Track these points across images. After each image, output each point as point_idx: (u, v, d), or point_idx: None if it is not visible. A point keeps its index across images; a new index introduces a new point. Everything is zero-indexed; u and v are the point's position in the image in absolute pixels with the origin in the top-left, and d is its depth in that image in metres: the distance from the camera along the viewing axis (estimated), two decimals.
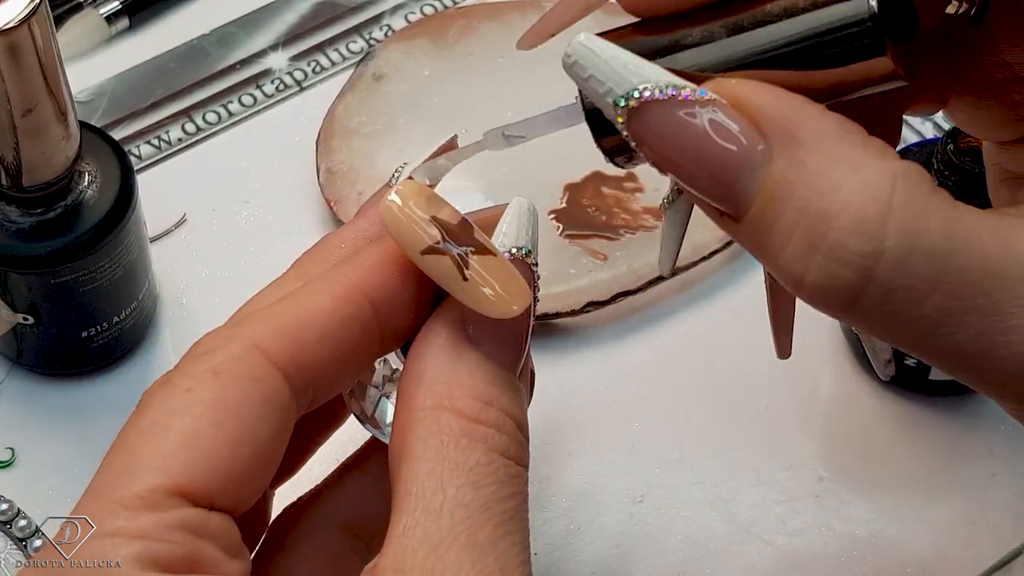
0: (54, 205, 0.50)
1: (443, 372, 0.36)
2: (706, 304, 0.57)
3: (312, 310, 0.36)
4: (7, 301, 0.51)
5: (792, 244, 0.33)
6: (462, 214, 0.37)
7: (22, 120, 0.46)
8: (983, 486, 0.52)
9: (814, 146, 0.33)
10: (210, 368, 0.35)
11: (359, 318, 0.36)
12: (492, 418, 0.35)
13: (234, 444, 0.34)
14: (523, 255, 0.37)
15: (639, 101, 0.34)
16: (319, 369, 0.36)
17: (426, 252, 0.36)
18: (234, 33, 0.64)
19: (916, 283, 0.32)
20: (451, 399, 0.35)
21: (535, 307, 0.38)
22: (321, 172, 0.58)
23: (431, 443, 0.35)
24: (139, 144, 0.60)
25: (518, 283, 0.36)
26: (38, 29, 0.44)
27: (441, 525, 0.34)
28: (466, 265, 0.36)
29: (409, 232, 0.36)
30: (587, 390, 0.54)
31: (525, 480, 0.36)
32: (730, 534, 0.51)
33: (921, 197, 0.32)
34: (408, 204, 0.36)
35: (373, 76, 0.61)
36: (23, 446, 0.53)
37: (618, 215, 0.57)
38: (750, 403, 0.54)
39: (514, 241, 0.38)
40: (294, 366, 0.35)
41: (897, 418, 0.54)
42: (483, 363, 0.36)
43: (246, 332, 0.36)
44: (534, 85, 0.61)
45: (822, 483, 0.52)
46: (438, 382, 0.36)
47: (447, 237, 0.36)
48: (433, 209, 0.36)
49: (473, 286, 0.36)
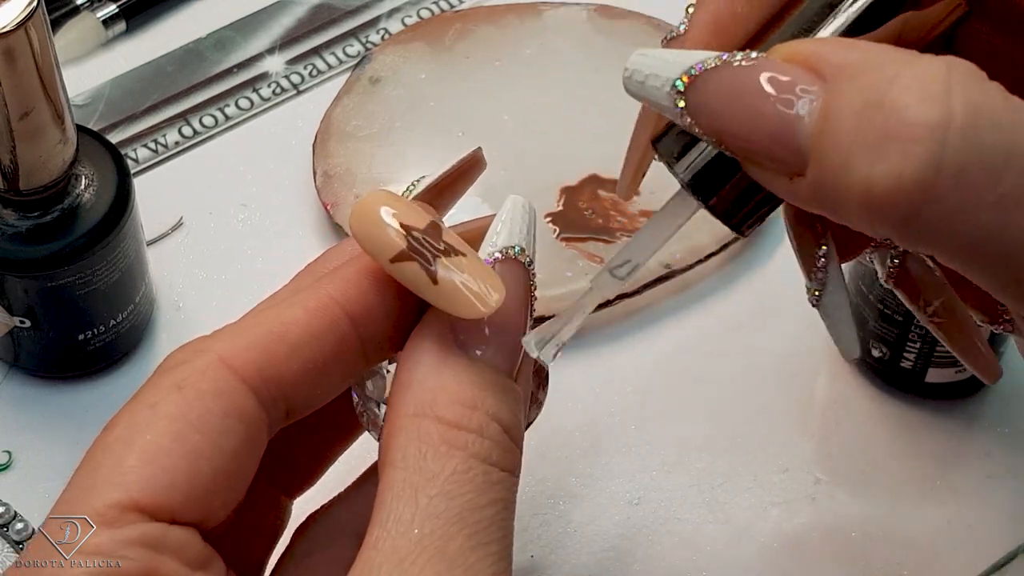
0: (51, 208, 0.50)
1: (428, 378, 0.35)
2: (702, 307, 0.57)
3: (284, 323, 0.36)
4: (4, 304, 0.51)
5: (857, 148, 0.31)
6: (433, 218, 0.36)
7: (19, 123, 0.46)
8: (979, 488, 0.52)
9: (865, 63, 0.32)
10: (175, 383, 0.35)
11: (334, 330, 0.36)
12: (475, 423, 0.35)
13: (194, 458, 0.34)
14: (515, 254, 0.37)
15: (694, 77, 0.33)
16: (291, 382, 0.36)
17: (395, 260, 0.35)
18: (231, 37, 0.64)
19: (989, 157, 0.31)
20: (433, 406, 0.35)
21: (533, 306, 0.37)
22: (318, 175, 0.58)
23: (410, 452, 0.34)
24: (136, 147, 0.60)
25: (491, 280, 0.36)
26: (35, 32, 0.45)
27: (410, 538, 0.33)
28: (435, 268, 0.35)
29: (376, 241, 0.36)
30: (583, 392, 0.54)
31: (509, 486, 0.35)
32: (726, 536, 0.51)
33: (978, 78, 0.31)
34: (374, 212, 0.36)
35: (370, 80, 0.61)
36: (20, 449, 0.53)
37: (615, 218, 0.57)
38: (746, 405, 0.54)
39: (507, 240, 0.37)
40: (261, 379, 0.35)
41: (893, 420, 0.54)
42: (471, 367, 0.36)
43: (213, 346, 0.36)
44: (531, 89, 0.61)
45: (818, 485, 0.52)
46: (422, 388, 0.35)
47: (414, 242, 0.36)
48: (402, 215, 0.36)
49: (444, 289, 0.35)
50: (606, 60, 0.62)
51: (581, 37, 0.63)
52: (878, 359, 0.53)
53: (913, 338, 0.52)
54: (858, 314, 0.53)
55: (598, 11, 0.63)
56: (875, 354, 0.53)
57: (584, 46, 0.62)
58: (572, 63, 0.62)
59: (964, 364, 0.43)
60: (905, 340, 0.52)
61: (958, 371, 0.53)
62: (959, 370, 0.53)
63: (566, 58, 0.62)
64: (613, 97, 0.61)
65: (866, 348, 0.53)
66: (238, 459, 0.35)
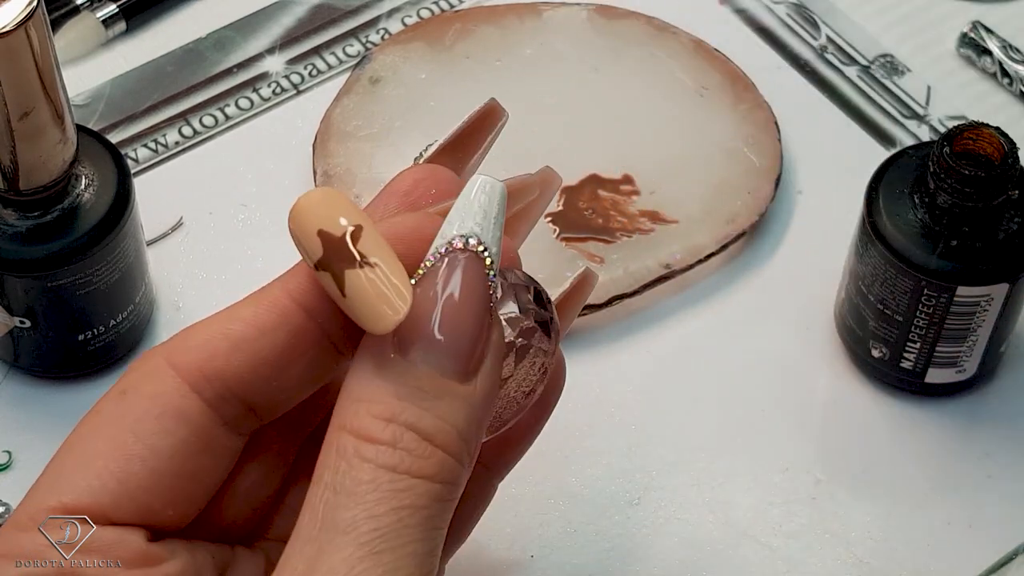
0: (51, 208, 0.50)
1: (355, 389, 0.35)
2: (702, 307, 0.57)
3: (231, 319, 0.36)
4: (4, 304, 0.51)
5: None
6: (360, 222, 0.35)
7: (19, 123, 0.46)
8: (979, 488, 0.52)
9: None
10: (121, 388, 0.36)
11: (286, 324, 0.36)
12: (387, 435, 0.34)
13: (125, 460, 0.35)
14: (468, 245, 0.35)
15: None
16: (239, 378, 0.36)
17: (317, 267, 0.35)
18: (231, 37, 0.64)
19: None
20: (353, 418, 0.34)
21: (494, 293, 0.35)
22: (318, 175, 0.58)
23: (327, 465, 0.34)
24: (136, 147, 0.60)
25: (399, 292, 0.34)
26: (35, 32, 0.45)
27: (306, 552, 0.33)
28: (344, 280, 0.34)
29: (302, 247, 0.35)
30: (583, 393, 0.54)
31: (423, 492, 0.34)
32: (726, 536, 0.51)
33: None
34: (304, 217, 0.35)
35: (370, 79, 0.61)
36: (20, 449, 0.53)
37: (614, 218, 0.57)
38: (746, 405, 0.54)
39: (459, 229, 0.35)
40: (203, 378, 0.35)
41: (893, 420, 0.54)
42: (400, 376, 0.34)
43: (163, 348, 0.36)
44: (531, 89, 0.61)
45: (818, 485, 0.52)
46: (348, 400, 0.35)
47: (330, 250, 0.34)
48: (325, 220, 0.35)
49: (351, 301, 0.34)
50: (606, 60, 0.62)
51: (581, 37, 0.63)
52: (878, 359, 0.53)
53: (913, 338, 0.52)
54: (858, 314, 0.53)
55: (598, 11, 0.63)
56: (875, 354, 0.53)
57: (584, 46, 0.62)
58: (572, 63, 0.62)
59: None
60: (905, 340, 0.52)
61: (958, 371, 0.53)
62: (959, 370, 0.53)
63: (566, 58, 0.62)
64: (613, 97, 0.61)
65: (866, 348, 0.53)
66: (179, 459, 0.35)
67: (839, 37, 0.64)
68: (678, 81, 0.61)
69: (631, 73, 0.61)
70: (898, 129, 0.62)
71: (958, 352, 0.52)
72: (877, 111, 0.62)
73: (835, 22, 0.65)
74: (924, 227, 0.50)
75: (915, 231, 0.50)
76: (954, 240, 0.50)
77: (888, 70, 0.63)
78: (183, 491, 0.36)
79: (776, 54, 0.64)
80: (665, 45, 0.62)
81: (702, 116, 0.60)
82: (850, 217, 0.53)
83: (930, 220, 0.50)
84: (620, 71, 0.62)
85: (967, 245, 0.50)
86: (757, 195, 0.58)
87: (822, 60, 0.64)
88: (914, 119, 0.62)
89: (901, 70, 0.64)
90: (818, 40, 0.64)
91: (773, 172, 0.59)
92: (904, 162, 0.52)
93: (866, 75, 0.63)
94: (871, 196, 0.52)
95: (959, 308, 0.50)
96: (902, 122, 0.62)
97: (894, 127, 0.62)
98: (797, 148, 0.61)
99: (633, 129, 0.60)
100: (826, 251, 0.57)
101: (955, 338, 0.51)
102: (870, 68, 0.64)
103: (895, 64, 0.64)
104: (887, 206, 0.51)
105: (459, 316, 0.34)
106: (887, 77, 0.63)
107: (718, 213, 0.58)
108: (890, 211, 0.51)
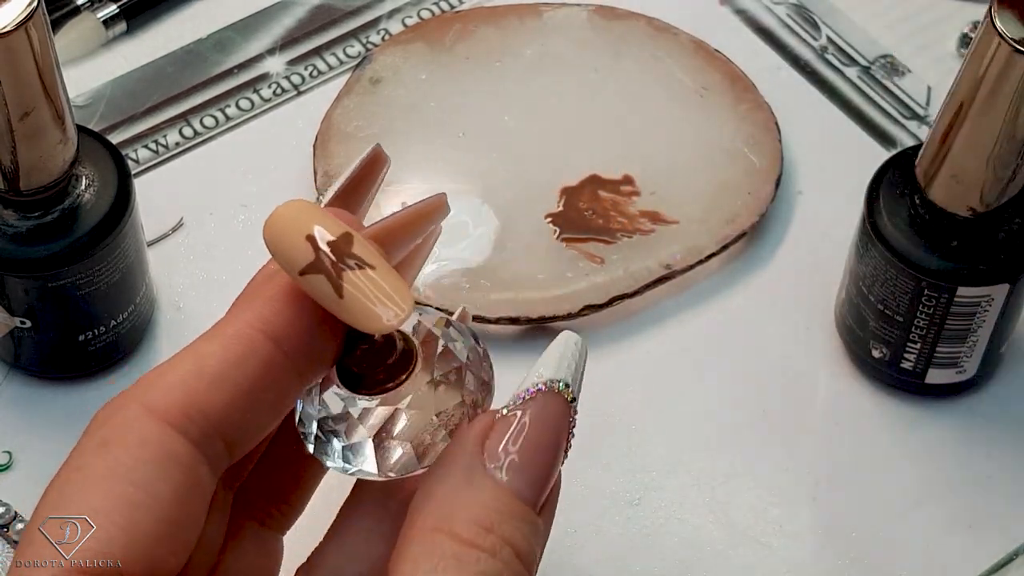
0: (51, 209, 0.50)
1: (449, 494, 0.35)
2: (703, 307, 0.57)
3: (201, 356, 0.36)
4: (4, 305, 0.51)
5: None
6: (347, 228, 0.36)
7: (19, 124, 0.46)
8: (979, 488, 0.52)
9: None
10: (99, 441, 0.35)
11: (256, 355, 0.36)
12: (488, 543, 0.35)
13: (131, 511, 0.34)
14: (559, 388, 0.37)
15: None
16: (219, 415, 0.35)
17: (303, 272, 0.35)
18: (231, 37, 0.64)
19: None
20: (451, 522, 0.35)
21: (570, 440, 0.37)
22: (318, 176, 0.59)
23: (421, 564, 0.34)
24: (136, 148, 0.60)
25: (401, 293, 0.35)
26: (35, 33, 0.45)
27: None
28: (341, 281, 0.35)
29: (285, 253, 0.35)
30: (583, 393, 0.54)
31: None
32: (727, 537, 0.51)
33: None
34: (285, 224, 0.35)
35: (370, 80, 0.61)
36: (20, 449, 0.53)
37: (615, 218, 0.57)
38: (747, 406, 0.54)
39: (553, 373, 0.37)
40: (186, 418, 0.35)
41: (894, 420, 0.54)
42: (494, 490, 0.35)
43: (134, 395, 0.35)
44: (531, 89, 0.61)
45: (819, 486, 0.52)
46: (443, 504, 0.35)
47: (322, 254, 0.35)
48: (312, 226, 0.35)
49: (347, 303, 0.35)
50: (606, 61, 0.62)
51: (581, 37, 0.63)
52: (878, 359, 0.53)
53: (913, 338, 0.52)
54: (858, 314, 0.53)
55: (598, 12, 0.63)
56: (875, 354, 0.53)
57: (584, 46, 0.62)
58: (572, 63, 0.62)
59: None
60: (905, 340, 0.52)
61: (958, 371, 0.53)
62: (959, 370, 0.53)
63: (566, 58, 0.62)
64: (613, 98, 0.61)
65: (866, 348, 0.53)
66: (178, 504, 0.35)
67: (839, 38, 0.64)
68: (678, 81, 0.61)
69: (631, 74, 0.61)
70: (898, 129, 0.62)
71: (958, 352, 0.52)
72: (877, 111, 0.62)
73: (835, 23, 0.65)
74: (924, 227, 0.50)
75: (915, 231, 0.50)
76: (954, 240, 0.50)
77: (888, 71, 0.63)
78: (182, 538, 0.35)
79: (776, 54, 0.64)
80: (665, 46, 0.62)
81: (702, 116, 0.60)
82: (850, 217, 0.53)
83: (930, 220, 0.50)
84: (620, 72, 0.62)
85: (967, 245, 0.50)
86: (757, 195, 0.58)
87: (822, 60, 0.64)
88: (914, 120, 0.62)
89: (901, 71, 0.64)
90: (818, 40, 0.64)
91: (773, 172, 0.59)
92: (904, 162, 0.52)
93: (866, 76, 0.63)
94: (871, 196, 0.52)
95: (959, 308, 0.50)
96: (902, 122, 0.62)
97: (894, 127, 0.62)
98: (797, 148, 0.61)
99: (633, 130, 0.60)
100: (826, 251, 0.57)
101: (955, 338, 0.51)
102: (870, 69, 0.64)
103: (895, 65, 0.64)
104: (887, 206, 0.51)
105: (547, 450, 0.36)
106: (887, 78, 0.63)
107: (718, 213, 0.58)
108: (890, 211, 0.51)
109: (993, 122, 0.46)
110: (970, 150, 0.47)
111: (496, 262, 0.56)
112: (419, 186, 0.58)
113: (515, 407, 0.37)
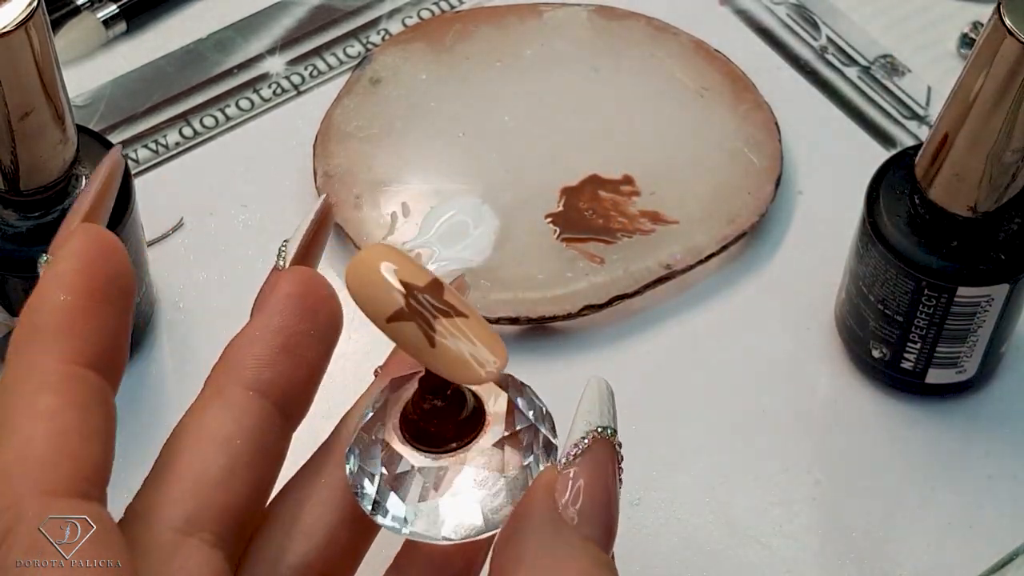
0: (52, 209, 0.50)
1: (542, 555, 0.34)
2: (702, 307, 0.57)
3: (223, 466, 0.35)
4: (4, 305, 0.51)
5: None
6: (434, 275, 0.35)
7: (19, 124, 0.46)
8: (979, 488, 0.52)
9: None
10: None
11: (262, 422, 0.36)
12: None
13: None
14: (609, 435, 0.36)
15: None
16: (239, 505, 0.35)
17: (392, 319, 0.34)
18: (231, 37, 0.64)
19: None
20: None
21: (620, 486, 0.36)
22: (318, 176, 0.59)
23: None
24: (136, 148, 0.60)
25: (494, 345, 0.34)
26: (35, 33, 0.45)
27: None
28: (433, 330, 0.34)
29: (373, 299, 0.34)
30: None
31: None
32: (727, 537, 0.51)
33: None
34: (373, 268, 0.34)
35: (370, 80, 0.61)
36: None
37: (615, 218, 0.57)
38: (746, 406, 0.54)
39: (598, 420, 0.36)
40: (220, 537, 0.35)
41: (894, 420, 0.54)
42: (584, 547, 0.34)
43: (165, 516, 0.35)
44: (531, 89, 0.61)
45: (819, 485, 0.52)
46: (537, 566, 0.34)
47: (414, 301, 0.34)
48: (402, 272, 0.34)
49: (441, 352, 0.34)
50: (606, 61, 0.62)
51: (581, 38, 0.63)
52: (878, 359, 0.53)
53: (913, 338, 0.52)
54: (858, 314, 0.53)
55: (598, 11, 0.63)
56: (875, 354, 0.53)
57: (584, 47, 0.62)
58: (572, 63, 0.62)
59: None
60: (905, 340, 0.52)
61: (958, 371, 0.53)
62: (959, 370, 0.53)
63: (566, 58, 0.62)
64: (613, 98, 0.61)
65: (866, 348, 0.53)
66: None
67: (839, 37, 0.65)
68: (678, 82, 0.61)
69: (631, 74, 0.62)
70: (898, 129, 0.62)
71: (958, 352, 0.52)
72: (877, 111, 0.62)
73: (835, 22, 0.65)
74: (924, 227, 0.50)
75: (915, 231, 0.50)
76: (954, 240, 0.50)
77: (888, 71, 0.64)
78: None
79: (776, 54, 0.64)
80: (665, 46, 0.62)
81: (702, 116, 0.60)
82: (850, 217, 0.53)
83: (930, 220, 0.50)
84: (620, 72, 0.62)
85: (967, 245, 0.50)
86: (757, 195, 0.58)
87: (822, 60, 0.64)
88: (914, 120, 0.62)
89: (901, 71, 0.64)
90: (818, 40, 0.65)
91: (773, 172, 0.59)
92: (904, 162, 0.52)
93: (866, 75, 0.63)
94: (871, 196, 0.52)
95: (959, 308, 0.50)
96: (902, 122, 0.62)
97: (894, 127, 0.62)
98: (797, 148, 0.61)
99: (633, 130, 0.60)
100: (826, 251, 0.57)
101: (955, 338, 0.52)
102: (870, 69, 0.64)
103: (895, 65, 0.64)
104: (887, 206, 0.51)
105: (609, 499, 0.35)
106: (887, 78, 0.63)
107: (718, 213, 0.58)
108: (890, 211, 0.51)
109: (997, 119, 0.46)
110: (972, 148, 0.47)
111: (496, 262, 0.56)
112: (419, 186, 0.58)
113: (571, 461, 0.35)
